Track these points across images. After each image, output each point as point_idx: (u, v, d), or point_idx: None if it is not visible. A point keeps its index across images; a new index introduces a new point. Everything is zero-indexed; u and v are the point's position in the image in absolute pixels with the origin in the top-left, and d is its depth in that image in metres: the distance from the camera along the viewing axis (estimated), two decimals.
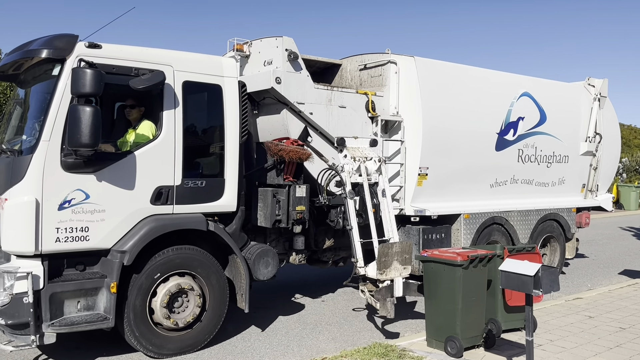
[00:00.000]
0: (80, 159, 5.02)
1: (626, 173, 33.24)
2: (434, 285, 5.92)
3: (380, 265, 6.26)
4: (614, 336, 6.33)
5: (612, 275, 10.66)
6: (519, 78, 9.13)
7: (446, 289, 5.74)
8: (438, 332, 5.85)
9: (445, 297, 5.75)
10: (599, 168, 10.23)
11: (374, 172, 6.85)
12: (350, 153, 6.75)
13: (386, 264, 6.27)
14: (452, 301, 5.67)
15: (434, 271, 5.89)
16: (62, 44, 5.17)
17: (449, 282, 5.69)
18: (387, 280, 6.31)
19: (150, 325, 5.57)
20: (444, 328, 5.77)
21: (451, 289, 5.68)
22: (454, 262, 5.64)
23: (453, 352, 5.60)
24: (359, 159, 6.78)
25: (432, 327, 5.94)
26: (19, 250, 5.04)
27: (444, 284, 5.76)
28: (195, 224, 5.80)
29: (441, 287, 5.81)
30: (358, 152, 6.87)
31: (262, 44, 7.11)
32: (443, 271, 5.77)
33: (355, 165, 6.71)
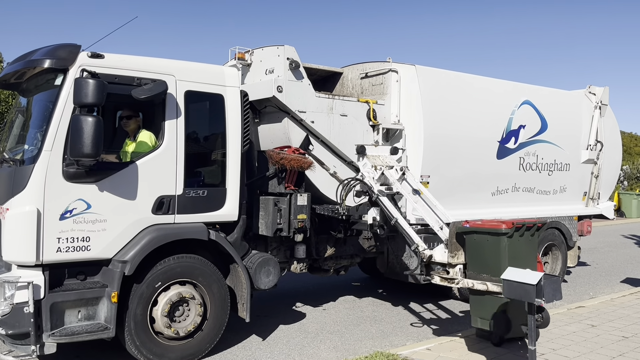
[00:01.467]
0: (82, 168, 5.03)
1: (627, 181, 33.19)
2: (477, 257, 5.57)
3: (451, 247, 5.83)
4: (617, 345, 6.30)
5: (614, 283, 10.62)
6: (519, 86, 9.14)
7: (490, 259, 5.39)
8: (483, 309, 5.61)
9: (489, 269, 5.40)
10: (600, 176, 10.22)
11: (395, 181, 6.79)
12: (370, 161, 6.67)
13: (457, 247, 5.84)
14: (497, 272, 5.28)
15: (477, 243, 5.53)
16: (64, 54, 5.19)
17: (494, 253, 5.37)
18: (460, 264, 5.87)
19: (151, 334, 5.55)
20: (489, 304, 5.51)
21: (496, 260, 5.32)
22: (499, 230, 5.30)
23: (499, 330, 5.46)
24: (380, 168, 6.71)
25: (477, 304, 5.70)
26: (20, 260, 5.03)
27: (488, 254, 5.41)
28: (196, 234, 5.79)
29: (485, 258, 5.44)
30: (379, 161, 6.81)
31: (263, 53, 7.14)
32: (486, 242, 5.42)
33: (377, 174, 6.62)
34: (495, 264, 5.36)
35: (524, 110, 8.85)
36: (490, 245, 5.42)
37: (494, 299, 5.50)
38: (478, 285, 5.44)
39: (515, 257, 5.35)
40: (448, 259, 5.85)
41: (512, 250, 5.33)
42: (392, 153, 6.92)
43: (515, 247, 5.37)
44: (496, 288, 5.27)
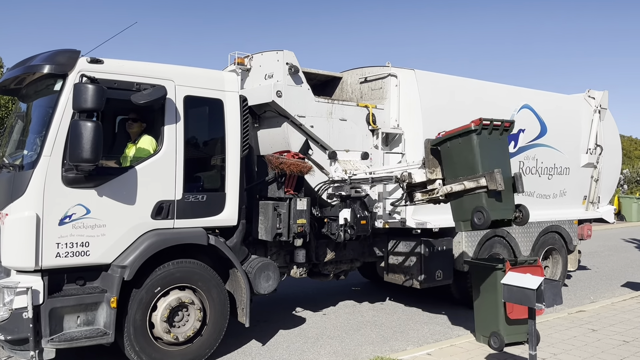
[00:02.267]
0: (81, 174, 5.03)
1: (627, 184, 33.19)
2: (452, 163, 5.60)
3: (428, 163, 5.81)
4: (617, 350, 6.28)
5: (615, 287, 10.60)
6: (519, 90, 9.16)
7: (465, 160, 5.44)
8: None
9: (465, 169, 5.45)
10: (600, 180, 10.22)
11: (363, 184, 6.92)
12: (341, 166, 6.81)
13: (434, 162, 5.79)
14: (472, 170, 5.36)
15: (450, 149, 5.57)
16: (64, 60, 5.20)
17: (467, 153, 5.43)
18: (439, 179, 5.82)
19: (150, 339, 5.54)
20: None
21: (470, 159, 5.38)
22: (468, 129, 5.35)
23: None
24: (350, 171, 6.83)
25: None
26: (19, 266, 5.02)
27: (462, 157, 5.48)
28: (195, 239, 5.78)
29: (460, 161, 5.49)
30: (349, 165, 6.93)
31: (263, 58, 7.15)
32: (459, 145, 5.49)
33: (346, 177, 6.76)
34: (469, 163, 5.41)
35: (523, 114, 8.86)
36: (462, 147, 5.47)
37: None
38: (456, 186, 5.46)
39: (487, 156, 5.40)
40: (427, 175, 5.85)
41: (483, 147, 5.37)
42: (362, 158, 7.01)
43: (486, 145, 5.41)
44: (472, 184, 5.32)
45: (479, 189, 5.30)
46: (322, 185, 6.97)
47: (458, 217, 5.64)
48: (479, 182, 5.26)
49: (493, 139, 5.50)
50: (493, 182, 5.18)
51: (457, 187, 5.47)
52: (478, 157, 5.35)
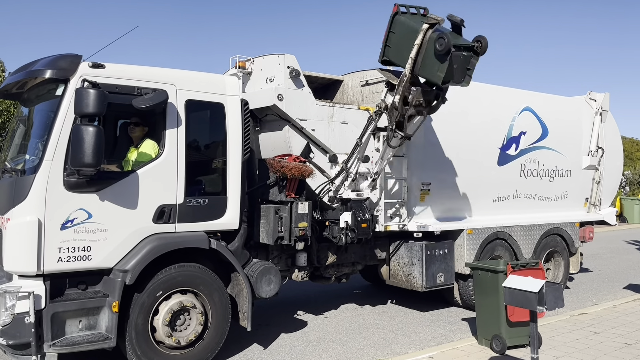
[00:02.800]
0: (82, 178, 5.04)
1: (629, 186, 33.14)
2: (401, 45, 6.26)
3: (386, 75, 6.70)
4: (620, 352, 6.27)
5: (617, 289, 10.58)
6: (520, 93, 9.16)
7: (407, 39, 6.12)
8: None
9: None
10: (601, 182, 10.22)
11: (365, 188, 6.93)
12: (340, 166, 6.80)
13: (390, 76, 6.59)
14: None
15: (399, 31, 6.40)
16: (65, 64, 5.21)
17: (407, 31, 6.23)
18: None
19: (152, 343, 5.54)
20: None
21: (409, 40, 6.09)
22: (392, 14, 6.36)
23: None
24: (351, 175, 6.83)
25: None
26: (21, 270, 5.03)
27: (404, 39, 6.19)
28: (197, 243, 5.79)
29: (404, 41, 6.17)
30: (351, 168, 6.94)
31: (264, 61, 7.16)
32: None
33: (348, 181, 6.75)
34: (409, 33, 5.95)
35: (524, 116, 8.86)
36: (399, 32, 6.17)
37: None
38: (412, 52, 5.91)
39: (420, 23, 5.93)
40: (393, 82, 6.43)
41: (410, 18, 6.04)
42: (363, 161, 7.03)
43: (412, 18, 6.06)
44: (420, 36, 5.81)
45: (426, 34, 5.74)
46: (323, 187, 6.95)
47: (432, 72, 5.88)
48: (422, 30, 5.75)
49: (414, 16, 6.13)
50: (430, 19, 5.73)
51: (413, 52, 5.88)
52: (412, 24, 5.88)
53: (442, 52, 5.50)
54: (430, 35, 5.73)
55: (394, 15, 6.05)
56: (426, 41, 5.76)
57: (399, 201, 7.63)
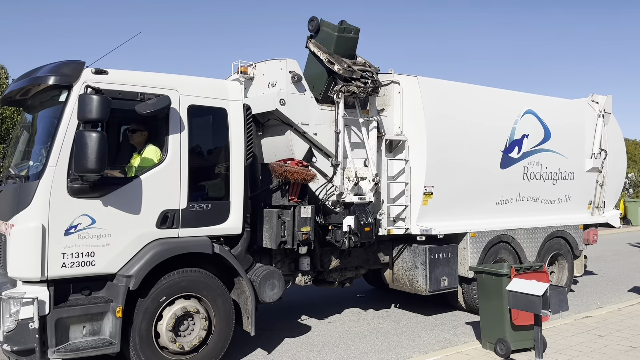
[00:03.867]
0: (86, 184, 5.06)
1: (633, 188, 33.02)
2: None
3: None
4: (625, 356, 6.23)
5: (622, 292, 10.54)
6: (522, 96, 9.16)
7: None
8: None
9: None
10: (605, 184, 10.19)
11: (368, 192, 6.93)
12: (345, 173, 6.82)
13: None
14: None
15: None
16: (68, 71, 5.24)
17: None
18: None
19: (156, 349, 5.54)
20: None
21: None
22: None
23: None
24: (353, 179, 6.83)
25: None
26: (25, 276, 5.04)
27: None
28: (200, 247, 5.80)
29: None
30: (352, 172, 6.95)
31: (266, 66, 7.18)
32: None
33: (350, 185, 6.75)
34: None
35: (526, 119, 8.86)
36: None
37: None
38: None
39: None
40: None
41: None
42: (365, 165, 7.08)
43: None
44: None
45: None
46: (323, 189, 6.94)
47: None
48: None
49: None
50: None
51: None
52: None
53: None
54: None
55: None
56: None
57: (402, 205, 7.63)
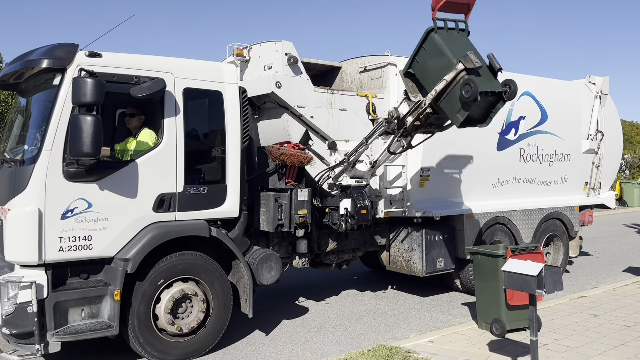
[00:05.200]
0: (82, 168, 5.04)
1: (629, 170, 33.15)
2: (428, 73, 5.58)
3: (409, 89, 5.79)
4: (619, 334, 6.32)
5: (617, 272, 10.63)
6: (519, 77, 9.02)
7: (438, 62, 5.40)
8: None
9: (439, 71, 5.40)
10: (601, 165, 10.22)
11: (365, 174, 6.93)
12: (341, 156, 6.81)
13: (413, 87, 5.78)
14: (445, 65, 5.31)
15: (421, 64, 5.60)
16: (62, 54, 5.20)
17: (437, 52, 5.41)
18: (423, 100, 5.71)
19: (155, 331, 5.58)
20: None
21: (441, 55, 5.34)
22: (429, 28, 5.34)
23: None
24: (351, 163, 6.82)
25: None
26: (22, 260, 5.05)
27: (434, 60, 5.46)
28: (197, 231, 5.81)
29: (434, 66, 5.46)
30: (351, 158, 6.91)
31: (261, 49, 7.13)
32: (424, 51, 5.51)
33: (348, 169, 6.75)
34: (441, 62, 5.33)
35: (523, 101, 8.83)
36: (429, 52, 5.42)
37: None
38: (439, 86, 5.36)
39: (455, 47, 5.30)
40: (412, 100, 5.83)
41: (447, 41, 5.31)
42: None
43: (449, 40, 5.35)
44: (452, 74, 5.20)
45: (458, 74, 5.19)
46: (323, 174, 6.97)
47: (452, 112, 5.46)
48: (456, 69, 5.18)
49: (452, 35, 5.42)
50: (469, 61, 5.10)
51: (440, 86, 5.36)
52: (447, 50, 5.26)
53: (467, 99, 5.15)
54: (462, 76, 5.20)
55: (429, 31, 5.38)
56: (456, 81, 5.26)
57: (399, 187, 7.64)
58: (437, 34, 5.33)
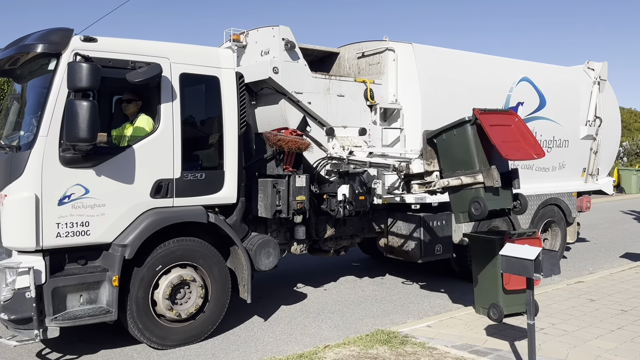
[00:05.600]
0: (78, 153, 5.03)
1: (627, 157, 33.17)
2: (448, 156, 5.50)
3: (426, 155, 5.68)
4: (616, 319, 6.35)
5: (614, 258, 10.68)
6: (518, 63, 9.08)
7: (460, 152, 5.36)
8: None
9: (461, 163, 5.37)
10: (599, 152, 10.21)
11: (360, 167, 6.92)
12: (339, 142, 6.80)
13: (431, 154, 5.67)
14: (468, 164, 5.29)
15: (446, 141, 5.45)
16: (57, 38, 5.15)
17: (462, 145, 5.33)
18: (436, 172, 5.68)
19: (153, 317, 5.60)
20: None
21: (465, 151, 5.29)
22: (462, 120, 5.24)
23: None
24: (348, 148, 6.82)
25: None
26: (20, 246, 5.05)
27: (457, 149, 5.38)
28: (195, 217, 5.80)
29: (455, 153, 5.41)
30: (347, 141, 6.92)
31: (258, 34, 7.08)
32: (454, 136, 5.36)
33: (345, 154, 6.75)
34: (465, 156, 5.29)
35: (522, 87, 8.81)
36: (457, 139, 5.33)
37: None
38: (453, 181, 5.38)
39: (481, 155, 5.26)
40: (424, 167, 5.72)
41: (479, 139, 5.24)
42: (360, 134, 6.98)
43: (480, 140, 5.27)
44: (469, 179, 5.24)
45: (476, 184, 5.21)
46: (320, 162, 6.97)
47: (457, 208, 5.55)
48: (475, 178, 5.18)
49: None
50: (490, 179, 5.09)
51: (454, 182, 5.38)
52: (474, 150, 5.21)
53: (474, 216, 5.23)
54: (478, 187, 5.18)
55: (467, 121, 5.24)
56: (471, 187, 5.25)
57: (395, 182, 7.61)
58: (472, 126, 5.19)
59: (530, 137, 5.28)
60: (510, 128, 5.28)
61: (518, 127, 5.29)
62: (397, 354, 5.23)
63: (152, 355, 5.57)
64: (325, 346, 5.54)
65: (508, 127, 5.27)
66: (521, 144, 5.20)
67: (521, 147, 5.16)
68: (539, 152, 5.16)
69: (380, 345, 5.45)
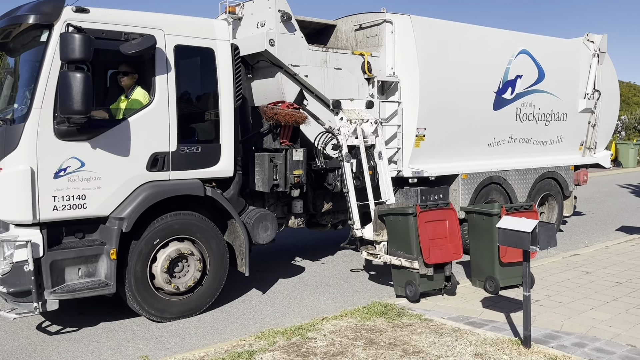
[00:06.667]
0: (73, 126, 4.98)
1: (625, 131, 33.11)
2: (393, 235, 6.29)
3: (376, 226, 6.37)
4: (611, 290, 6.41)
5: (610, 232, 10.74)
6: (517, 35, 8.98)
7: (403, 237, 6.13)
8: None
9: (403, 246, 6.19)
10: (597, 125, 10.19)
11: (370, 134, 6.86)
12: (346, 115, 6.72)
13: (380, 226, 6.39)
14: (408, 249, 6.08)
15: (393, 222, 6.24)
16: (48, 9, 5.06)
17: (404, 231, 6.10)
18: (384, 242, 6.38)
19: (152, 290, 5.63)
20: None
21: (406, 237, 6.07)
22: (406, 211, 6.04)
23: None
24: (355, 121, 6.75)
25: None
26: (16, 219, 5.05)
27: (401, 233, 6.15)
28: (192, 190, 5.79)
29: (399, 236, 6.21)
30: (354, 115, 6.84)
31: (254, 5, 6.96)
32: (399, 221, 6.14)
33: (352, 128, 6.69)
34: (406, 240, 6.03)
35: (520, 59, 8.72)
36: (402, 224, 6.09)
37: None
38: (394, 260, 6.20)
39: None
40: (374, 236, 6.46)
41: (415, 230, 5.96)
42: (367, 107, 6.93)
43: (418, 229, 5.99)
44: (408, 264, 6.03)
45: (412, 269, 6.00)
46: (321, 137, 6.87)
47: (395, 281, 6.38)
48: (412, 264, 5.97)
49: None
50: (424, 268, 5.95)
51: (395, 262, 6.20)
52: (414, 239, 5.94)
53: (408, 296, 6.11)
54: (411, 272, 6.07)
55: (409, 214, 5.99)
56: (407, 270, 6.12)
57: (394, 147, 7.60)
58: (414, 218, 5.92)
59: (457, 236, 6.18)
60: (443, 223, 6.14)
61: (451, 224, 6.16)
62: (394, 326, 5.29)
63: (152, 327, 5.63)
64: (323, 318, 5.58)
65: (442, 222, 6.13)
66: (446, 243, 6.09)
67: (444, 247, 6.05)
68: (459, 253, 6.14)
69: (377, 317, 5.50)
